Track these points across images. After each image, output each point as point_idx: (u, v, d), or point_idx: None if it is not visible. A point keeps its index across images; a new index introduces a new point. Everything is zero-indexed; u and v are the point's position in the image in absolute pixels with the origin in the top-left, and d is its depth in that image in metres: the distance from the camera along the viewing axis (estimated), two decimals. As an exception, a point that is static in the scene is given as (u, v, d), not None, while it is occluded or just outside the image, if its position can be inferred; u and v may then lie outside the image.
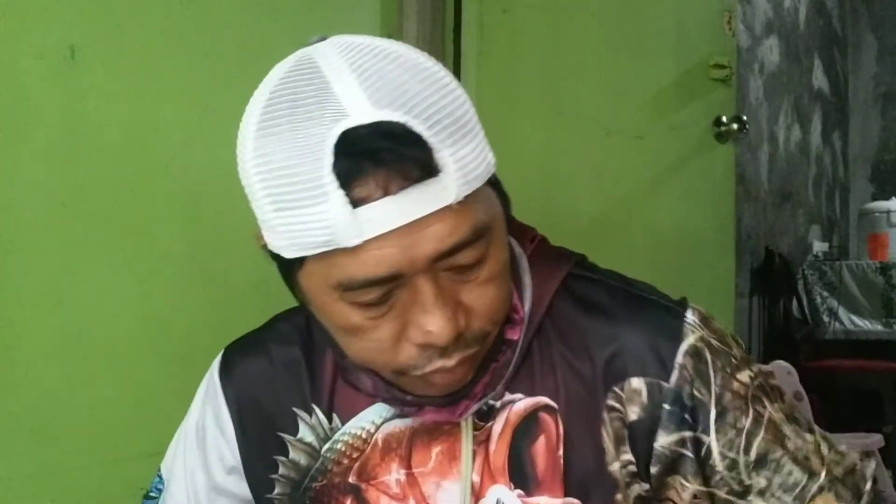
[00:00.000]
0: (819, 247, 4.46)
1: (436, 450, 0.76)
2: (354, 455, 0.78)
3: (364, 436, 0.78)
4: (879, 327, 3.94)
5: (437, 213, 0.60)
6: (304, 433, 0.80)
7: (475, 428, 0.75)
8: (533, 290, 0.76)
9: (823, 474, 0.75)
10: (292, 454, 0.80)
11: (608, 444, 0.73)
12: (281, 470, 0.80)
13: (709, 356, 0.74)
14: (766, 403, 0.75)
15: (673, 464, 0.73)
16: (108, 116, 1.14)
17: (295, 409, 0.80)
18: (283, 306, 1.35)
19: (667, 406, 0.73)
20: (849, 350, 3.97)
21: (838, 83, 5.02)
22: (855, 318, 4.01)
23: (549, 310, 0.75)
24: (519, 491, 0.74)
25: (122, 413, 1.15)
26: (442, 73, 0.64)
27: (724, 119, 2.09)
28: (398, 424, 0.77)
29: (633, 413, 0.73)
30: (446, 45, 1.66)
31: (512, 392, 0.75)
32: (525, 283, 0.76)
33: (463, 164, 0.61)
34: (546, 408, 0.75)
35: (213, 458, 0.84)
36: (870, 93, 5.16)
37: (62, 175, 1.10)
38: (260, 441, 0.81)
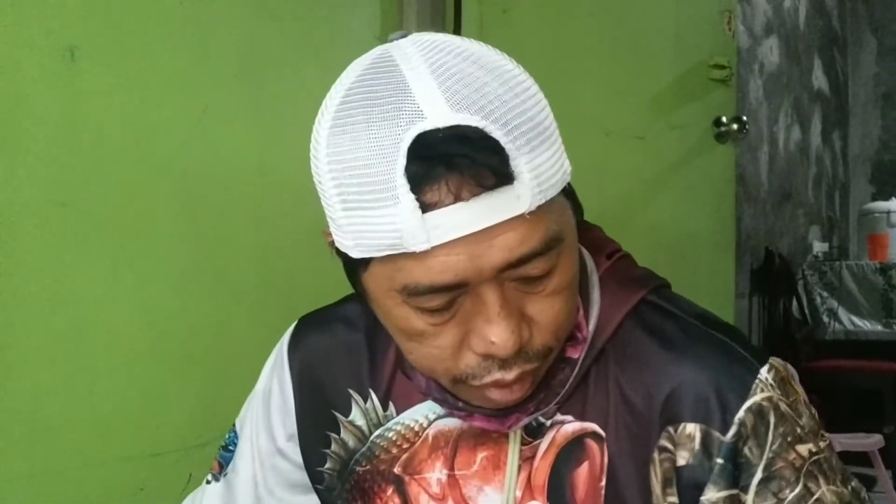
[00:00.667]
0: (819, 247, 4.46)
1: (481, 455, 0.76)
2: (404, 446, 0.78)
3: (416, 428, 0.78)
4: (879, 327, 3.94)
5: (508, 221, 0.59)
6: (356, 416, 0.80)
7: (523, 442, 0.74)
8: (601, 311, 0.73)
9: None
10: (343, 433, 0.81)
11: (655, 484, 0.71)
12: (333, 446, 0.82)
13: (772, 419, 0.71)
14: (821, 482, 0.71)
15: None
16: (107, 117, 1.14)
17: (350, 391, 0.81)
18: (283, 306, 1.36)
19: (720, 461, 0.70)
20: (849, 350, 3.97)
21: (838, 83, 5.02)
22: (855, 319, 4.01)
23: (614, 334, 0.73)
24: None
25: (121, 413, 1.15)
26: (523, 77, 0.63)
27: (724, 119, 2.09)
28: (449, 424, 0.77)
29: (683, 458, 0.71)
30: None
31: (563, 413, 0.74)
32: (593, 301, 0.73)
33: (538, 172, 0.60)
34: (593, 434, 0.73)
35: (276, 423, 0.85)
36: (870, 93, 5.16)
37: (62, 175, 1.10)
38: (315, 414, 0.82)
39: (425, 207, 0.58)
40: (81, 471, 1.11)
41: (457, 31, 1.66)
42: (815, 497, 0.70)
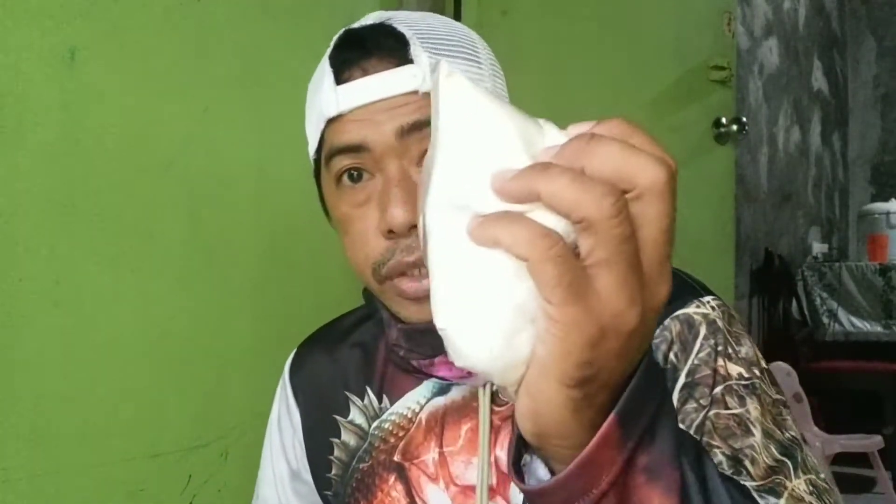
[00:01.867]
0: (818, 248, 4.47)
1: (465, 427, 0.78)
2: (400, 434, 0.81)
3: (410, 415, 0.80)
4: (879, 328, 3.94)
5: (405, 95, 0.69)
6: (355, 415, 0.84)
7: (497, 403, 0.76)
8: None
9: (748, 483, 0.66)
10: (344, 435, 0.84)
11: None
12: (335, 451, 0.85)
13: (703, 330, 0.71)
14: (749, 403, 0.69)
15: None
16: (107, 117, 1.14)
17: (347, 393, 0.85)
18: (283, 306, 1.36)
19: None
20: (848, 351, 3.97)
21: (838, 84, 5.03)
22: (854, 320, 4.01)
23: None
24: None
25: (121, 414, 1.15)
26: (467, 30, 0.76)
27: (724, 120, 2.09)
28: (437, 403, 0.79)
29: None
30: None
31: None
32: None
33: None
34: None
35: (289, 446, 0.90)
36: (869, 94, 5.16)
37: (62, 176, 1.10)
38: (319, 424, 0.86)
39: (340, 82, 0.71)
40: (81, 471, 1.11)
41: (457, 31, 1.67)
42: (732, 411, 0.68)
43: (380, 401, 0.82)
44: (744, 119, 2.13)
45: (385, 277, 0.71)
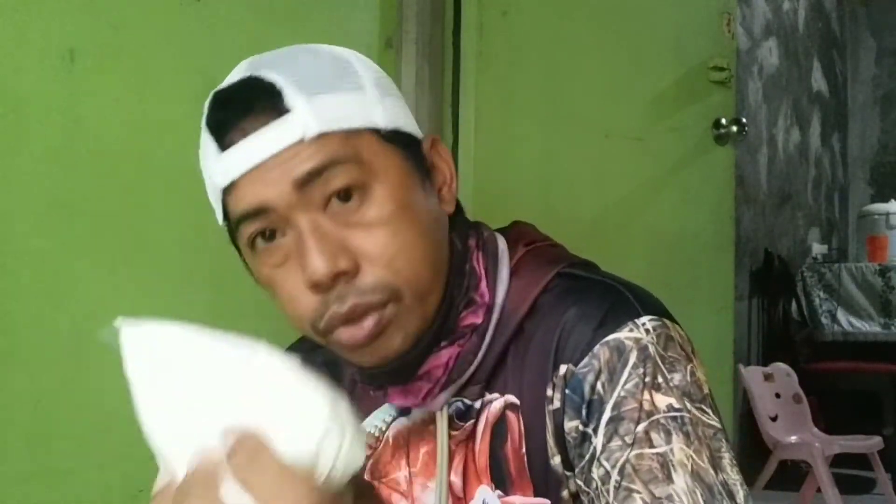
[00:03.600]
0: (818, 249, 4.47)
1: (423, 450, 0.77)
2: (368, 453, 0.79)
3: (377, 434, 0.80)
4: (878, 329, 3.94)
5: (292, 147, 0.66)
6: None
7: (453, 427, 0.76)
8: (516, 291, 0.75)
9: None
10: None
11: (549, 438, 0.72)
12: None
13: (632, 358, 0.68)
14: (674, 440, 0.66)
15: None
16: (107, 118, 1.14)
17: None
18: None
19: (567, 391, 0.70)
20: (848, 352, 3.97)
21: (837, 85, 5.03)
22: (854, 320, 4.01)
23: (530, 311, 0.74)
24: (499, 492, 0.74)
25: (121, 414, 1.15)
26: (342, 55, 0.72)
27: (724, 121, 2.09)
28: (403, 422, 0.79)
29: (557, 401, 0.71)
30: (446, 48, 1.66)
31: (490, 392, 0.75)
32: (501, 277, 0.76)
33: (318, 107, 0.67)
34: (511, 406, 0.74)
35: None
36: (869, 95, 5.17)
37: (62, 177, 1.10)
38: None
39: (224, 148, 0.68)
40: (80, 472, 1.11)
41: (456, 32, 1.66)
42: (657, 450, 0.65)
43: None
44: (743, 120, 2.13)
45: (325, 332, 0.70)
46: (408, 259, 0.68)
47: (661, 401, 0.67)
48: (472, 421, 0.75)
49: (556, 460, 0.71)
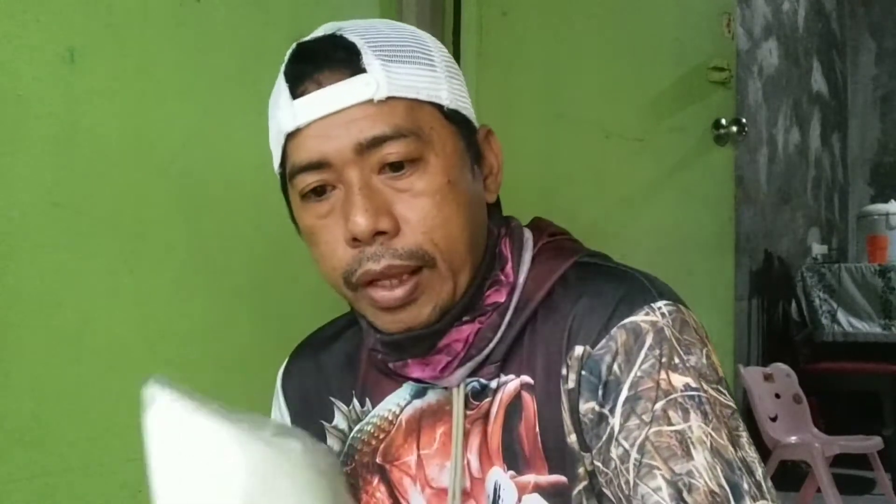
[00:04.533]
0: (818, 249, 4.46)
1: (439, 431, 0.79)
2: (381, 436, 0.82)
3: (390, 417, 0.81)
4: (878, 329, 3.94)
5: (361, 106, 0.70)
6: (339, 420, 0.85)
7: (469, 406, 0.77)
8: (535, 277, 0.78)
9: None
10: (329, 441, 0.85)
11: (565, 416, 0.73)
12: None
13: (649, 340, 0.70)
14: (692, 417, 0.67)
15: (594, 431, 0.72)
16: (107, 118, 1.14)
17: (332, 399, 0.86)
18: (282, 307, 1.36)
19: (584, 372, 0.71)
20: (848, 352, 3.97)
21: (837, 86, 5.03)
22: (854, 321, 4.01)
23: (546, 297, 0.76)
24: (512, 472, 0.75)
25: (120, 415, 1.15)
26: (419, 33, 0.76)
27: (724, 121, 2.09)
28: (416, 405, 0.80)
29: (572, 381, 0.72)
30: (445, 48, 1.66)
31: (506, 374, 0.77)
32: (524, 260, 0.79)
33: (392, 72, 0.70)
34: (526, 386, 0.76)
35: None
36: (868, 95, 5.17)
37: (62, 176, 1.10)
38: (307, 430, 0.86)
39: (296, 96, 0.71)
40: (80, 473, 1.10)
41: (456, 32, 1.66)
42: (675, 428, 0.66)
43: (362, 405, 0.84)
44: (743, 120, 2.13)
45: (356, 285, 0.72)
46: (447, 231, 0.71)
47: (678, 380, 0.68)
48: (488, 400, 0.77)
49: (573, 438, 0.73)
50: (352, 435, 0.84)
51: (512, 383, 0.76)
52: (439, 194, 0.71)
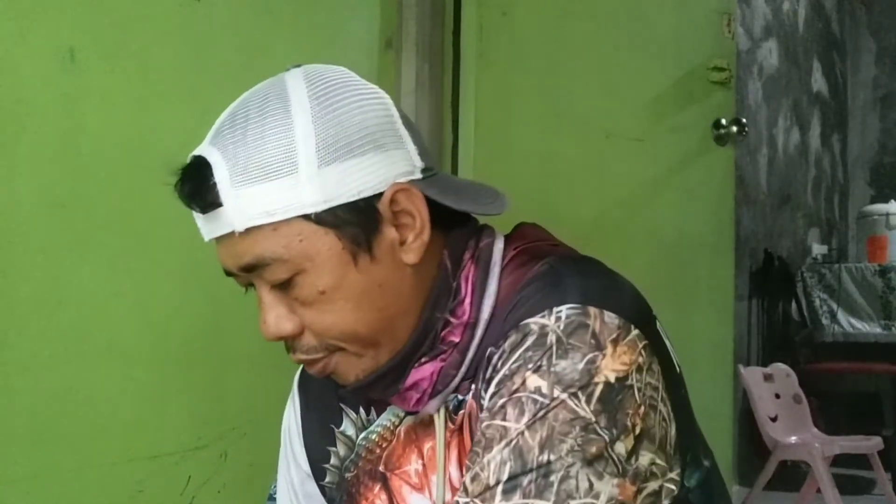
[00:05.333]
0: (818, 249, 4.47)
1: (427, 445, 0.82)
2: (384, 445, 0.84)
3: (392, 427, 0.84)
4: (878, 330, 3.94)
5: (227, 236, 0.73)
6: (346, 426, 0.87)
7: (451, 420, 0.79)
8: (502, 295, 0.77)
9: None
10: (338, 445, 0.87)
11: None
12: (332, 460, 0.88)
13: (528, 342, 0.70)
14: (523, 418, 0.67)
15: None
16: (107, 118, 1.14)
17: (342, 405, 0.87)
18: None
19: (483, 373, 0.75)
20: (848, 352, 3.97)
21: (837, 86, 5.03)
22: (854, 321, 4.01)
23: (511, 311, 0.76)
24: None
25: (120, 415, 1.15)
26: (281, 117, 0.73)
27: (724, 122, 2.09)
28: (409, 420, 0.83)
29: (481, 382, 0.76)
30: (445, 48, 1.66)
31: (477, 385, 0.78)
32: (488, 293, 0.78)
33: (247, 202, 0.71)
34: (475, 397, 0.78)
35: (298, 451, 0.92)
36: (868, 95, 5.17)
37: (62, 176, 1.10)
38: (318, 434, 0.89)
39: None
40: (80, 473, 1.10)
41: (456, 33, 1.66)
42: (503, 423, 0.68)
43: (367, 413, 0.86)
44: (743, 120, 2.13)
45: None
46: (338, 331, 0.75)
47: (533, 382, 0.69)
48: (461, 412, 0.79)
49: None
50: (358, 442, 0.86)
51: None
52: (319, 302, 0.74)
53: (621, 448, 0.67)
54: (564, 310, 0.70)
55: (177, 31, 1.22)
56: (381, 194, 0.74)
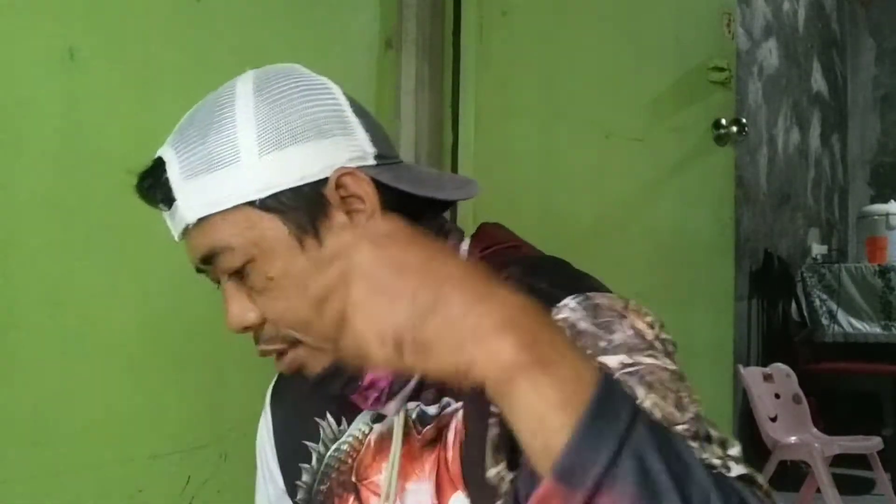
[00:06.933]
0: (818, 249, 4.47)
1: (389, 456, 0.80)
2: (355, 455, 0.83)
3: (361, 437, 0.83)
4: (878, 330, 3.94)
5: (186, 232, 0.76)
6: (322, 439, 0.86)
7: (418, 431, 0.78)
8: None
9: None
10: (313, 461, 0.86)
11: (489, 449, 0.72)
12: (303, 476, 0.87)
13: (573, 339, 0.68)
14: (637, 391, 0.66)
15: None
16: (107, 117, 1.14)
17: (317, 419, 0.86)
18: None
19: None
20: (847, 353, 3.97)
21: (837, 86, 5.03)
22: (853, 321, 4.01)
23: None
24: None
25: (120, 415, 1.15)
26: (224, 116, 0.76)
27: (724, 122, 2.09)
28: (377, 429, 0.82)
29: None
30: (445, 48, 1.66)
31: (447, 396, 0.77)
32: None
33: (195, 193, 0.74)
34: (457, 411, 0.76)
35: (273, 468, 0.92)
36: (868, 95, 5.17)
37: (62, 176, 1.10)
38: (291, 450, 0.89)
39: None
40: (80, 473, 1.10)
41: (456, 33, 1.66)
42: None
43: (338, 423, 0.85)
44: (743, 120, 2.13)
45: None
46: (290, 319, 0.75)
47: (612, 360, 0.67)
48: (432, 426, 0.78)
49: (493, 472, 0.71)
50: (328, 454, 0.85)
51: (461, 409, 0.76)
52: (269, 289, 0.74)
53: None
54: (571, 301, 0.70)
55: (177, 31, 1.22)
56: (325, 180, 0.74)
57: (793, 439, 3.08)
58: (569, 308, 0.70)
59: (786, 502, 3.16)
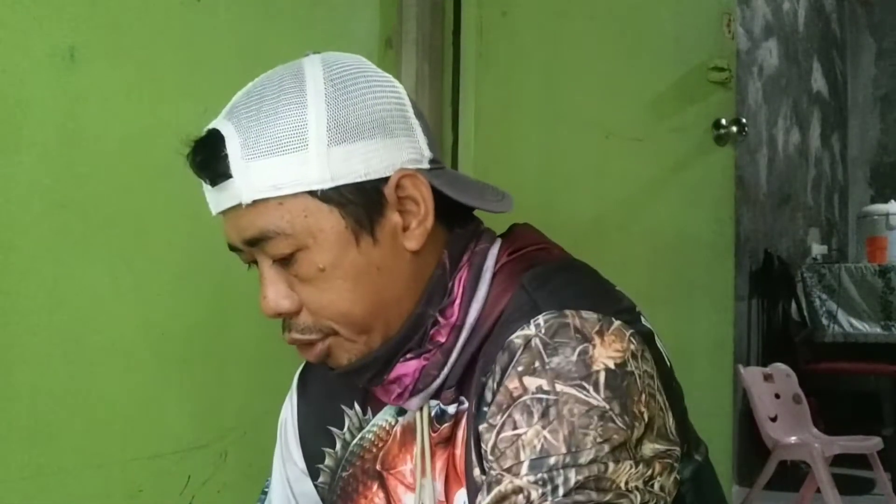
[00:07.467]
0: (818, 249, 4.47)
1: (413, 450, 0.82)
2: (380, 444, 0.85)
3: (387, 427, 0.85)
4: (878, 330, 3.94)
5: (235, 208, 0.74)
6: (347, 426, 0.88)
7: (433, 429, 0.80)
8: (490, 302, 0.78)
9: None
10: (337, 446, 0.88)
11: (473, 450, 0.74)
12: (326, 460, 0.88)
13: (517, 355, 0.70)
14: (534, 421, 0.66)
15: None
16: (107, 117, 1.14)
17: (343, 406, 0.88)
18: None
19: (483, 407, 0.73)
20: (847, 353, 3.97)
21: (837, 86, 5.03)
22: (853, 321, 4.01)
23: (497, 320, 0.76)
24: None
25: (120, 415, 1.15)
26: (295, 96, 0.74)
27: (724, 122, 2.09)
28: (408, 418, 0.83)
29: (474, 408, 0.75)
30: (445, 48, 1.66)
31: (464, 396, 0.78)
32: (478, 296, 0.78)
33: (255, 174, 0.72)
34: (468, 412, 0.78)
35: (294, 449, 0.93)
36: (868, 95, 5.17)
37: (62, 176, 1.10)
38: (314, 434, 0.90)
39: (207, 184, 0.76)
40: (80, 472, 1.11)
41: (456, 33, 1.66)
42: (516, 431, 0.66)
43: (364, 412, 0.86)
44: (743, 120, 2.13)
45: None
46: (333, 311, 0.75)
47: (532, 383, 0.68)
48: (448, 424, 0.79)
49: (476, 472, 0.73)
50: (354, 441, 0.86)
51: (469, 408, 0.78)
52: (317, 280, 0.74)
53: (636, 436, 0.67)
54: (541, 317, 0.71)
55: (177, 31, 1.22)
56: (387, 179, 0.75)
57: (793, 439, 3.08)
58: (534, 324, 0.71)
59: (786, 502, 3.17)
